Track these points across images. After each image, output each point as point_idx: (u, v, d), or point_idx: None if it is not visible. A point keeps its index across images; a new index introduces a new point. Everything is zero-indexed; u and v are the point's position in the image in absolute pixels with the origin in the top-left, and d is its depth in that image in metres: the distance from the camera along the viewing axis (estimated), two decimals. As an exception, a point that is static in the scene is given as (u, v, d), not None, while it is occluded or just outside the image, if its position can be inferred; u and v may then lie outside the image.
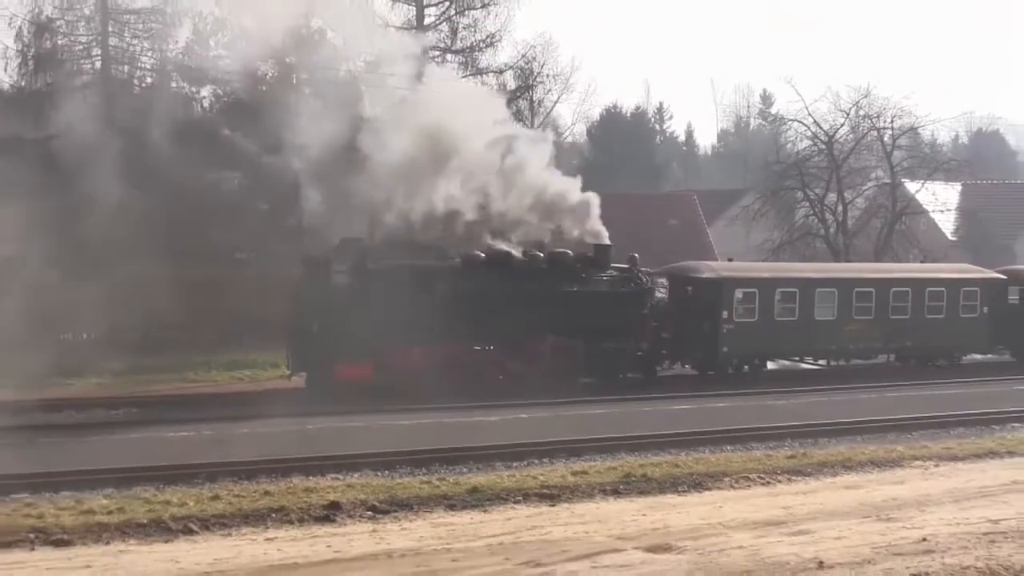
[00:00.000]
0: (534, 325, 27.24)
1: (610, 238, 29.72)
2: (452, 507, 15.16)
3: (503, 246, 28.34)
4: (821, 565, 12.33)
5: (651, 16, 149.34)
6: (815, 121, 51.59)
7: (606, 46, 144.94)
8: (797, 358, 33.45)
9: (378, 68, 37.97)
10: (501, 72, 39.20)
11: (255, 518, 14.16)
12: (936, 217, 55.71)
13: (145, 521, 13.83)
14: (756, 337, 31.05)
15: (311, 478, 16.83)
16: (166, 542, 13.16)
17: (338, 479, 16.79)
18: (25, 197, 35.88)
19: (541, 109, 55.82)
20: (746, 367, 31.60)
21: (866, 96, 51.11)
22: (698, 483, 16.98)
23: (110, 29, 35.82)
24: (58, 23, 35.61)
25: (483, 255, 27.71)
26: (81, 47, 36.07)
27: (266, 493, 15.55)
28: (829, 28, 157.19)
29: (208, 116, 40.67)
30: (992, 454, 20.04)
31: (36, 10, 35.06)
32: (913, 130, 53.29)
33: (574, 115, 79.55)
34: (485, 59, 38.66)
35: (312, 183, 39.63)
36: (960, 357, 35.40)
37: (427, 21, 38.35)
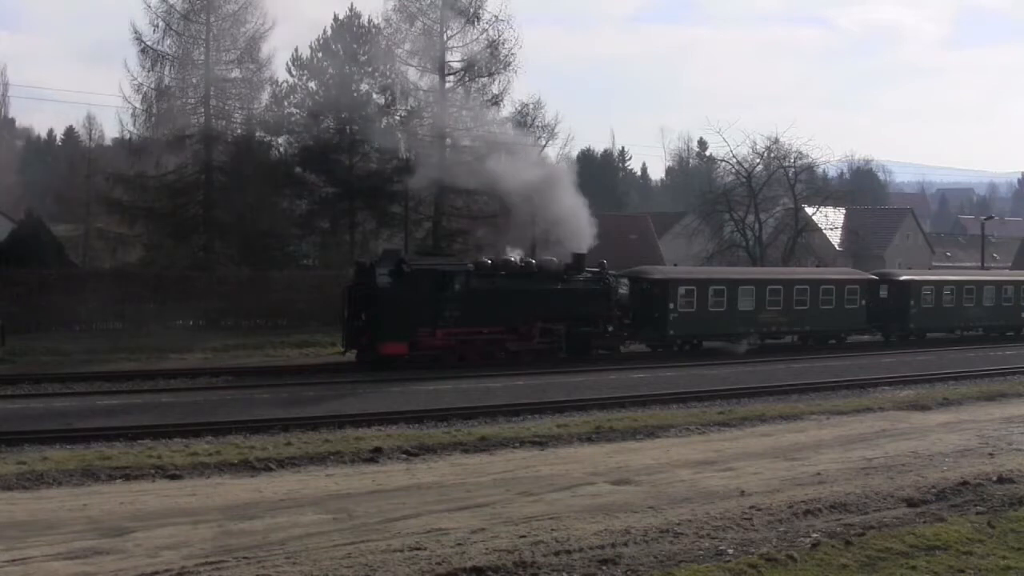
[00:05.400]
0: (528, 314, 27.00)
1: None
2: (466, 451, 15.04)
3: (505, 255, 28.22)
4: (743, 493, 12.26)
5: (616, 80, 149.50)
6: (738, 161, 51.51)
7: (583, 105, 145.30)
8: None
9: (409, 121, 37.95)
10: (503, 124, 38.98)
11: (318, 459, 14.01)
12: (827, 233, 55.91)
13: (236, 461, 13.70)
14: (695, 322, 30.84)
15: (360, 429, 16.67)
16: (251, 476, 13.05)
17: (380, 430, 16.65)
18: (148, 219, 36.01)
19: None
20: (687, 345, 31.41)
21: (776, 142, 51.27)
22: (651, 433, 16.86)
23: (211, 93, 35.94)
24: (173, 89, 35.83)
25: (490, 261, 27.54)
26: (190, 107, 36.18)
27: (326, 440, 15.42)
28: (749, 90, 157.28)
29: (284, 158, 40.58)
30: (867, 409, 19.92)
31: (158, 79, 35.47)
32: (810, 168, 53.39)
33: (557, 156, 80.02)
34: (491, 114, 38.50)
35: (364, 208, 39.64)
36: (845, 337, 35.24)
37: (447, 86, 38.11)
